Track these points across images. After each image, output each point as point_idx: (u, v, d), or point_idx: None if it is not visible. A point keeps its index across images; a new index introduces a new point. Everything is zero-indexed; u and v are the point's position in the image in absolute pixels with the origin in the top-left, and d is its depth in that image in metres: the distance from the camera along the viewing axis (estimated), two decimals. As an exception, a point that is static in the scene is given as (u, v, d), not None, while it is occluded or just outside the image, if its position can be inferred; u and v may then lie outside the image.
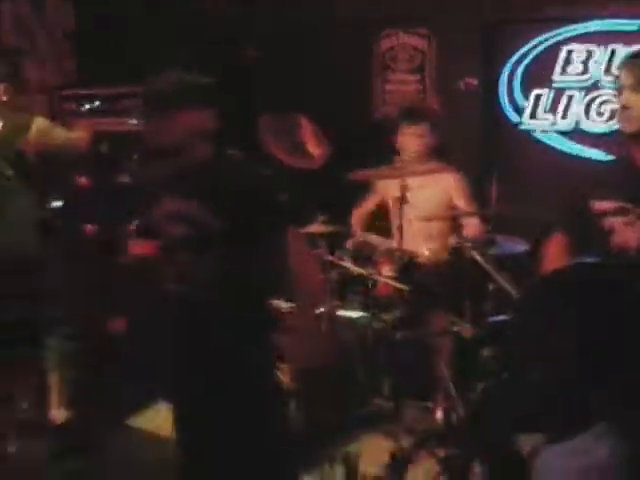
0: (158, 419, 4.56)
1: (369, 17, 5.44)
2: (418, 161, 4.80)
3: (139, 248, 2.82)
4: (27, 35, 5.95)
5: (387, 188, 4.88)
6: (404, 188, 4.22)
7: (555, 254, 2.96)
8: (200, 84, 2.86)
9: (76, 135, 4.52)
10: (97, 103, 5.38)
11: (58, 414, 4.45)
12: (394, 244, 4.61)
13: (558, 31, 5.05)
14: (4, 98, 4.34)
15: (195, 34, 5.63)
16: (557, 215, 3.01)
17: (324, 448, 3.95)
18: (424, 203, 4.63)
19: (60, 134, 4.43)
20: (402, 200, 4.20)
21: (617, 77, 2.74)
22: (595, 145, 5.02)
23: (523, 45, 5.13)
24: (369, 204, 5.13)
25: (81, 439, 4.40)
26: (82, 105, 5.40)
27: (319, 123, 4.77)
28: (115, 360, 5.09)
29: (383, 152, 4.65)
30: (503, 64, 5.21)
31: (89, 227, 5.14)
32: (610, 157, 4.41)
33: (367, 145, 5.12)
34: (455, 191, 4.73)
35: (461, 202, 4.72)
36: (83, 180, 5.16)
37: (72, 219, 4.58)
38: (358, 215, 5.14)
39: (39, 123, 4.30)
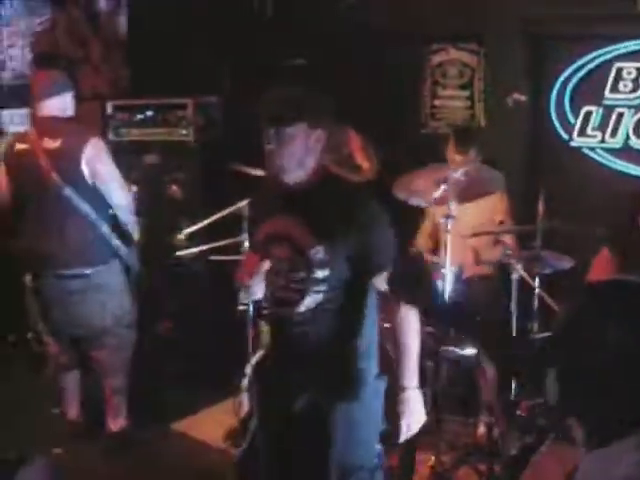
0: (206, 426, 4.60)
1: (419, 32, 5.45)
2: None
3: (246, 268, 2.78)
4: (81, 44, 6.06)
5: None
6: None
7: (602, 270, 2.96)
8: (322, 100, 2.79)
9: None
10: (149, 113, 5.46)
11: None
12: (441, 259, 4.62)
13: (608, 49, 5.03)
14: (67, 113, 4.27)
15: (243, 45, 5.70)
16: (605, 231, 3.01)
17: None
18: (471, 218, 4.64)
19: (108, 166, 4.25)
20: (449, 216, 4.21)
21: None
22: (644, 163, 5.01)
23: (573, 62, 5.12)
24: (427, 225, 5.08)
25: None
26: (134, 115, 5.48)
27: (368, 137, 4.80)
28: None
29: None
30: (553, 81, 5.20)
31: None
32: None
33: (416, 160, 5.12)
34: (498, 205, 4.75)
35: (499, 216, 4.73)
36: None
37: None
38: (422, 238, 5.06)
39: (93, 144, 4.17)
